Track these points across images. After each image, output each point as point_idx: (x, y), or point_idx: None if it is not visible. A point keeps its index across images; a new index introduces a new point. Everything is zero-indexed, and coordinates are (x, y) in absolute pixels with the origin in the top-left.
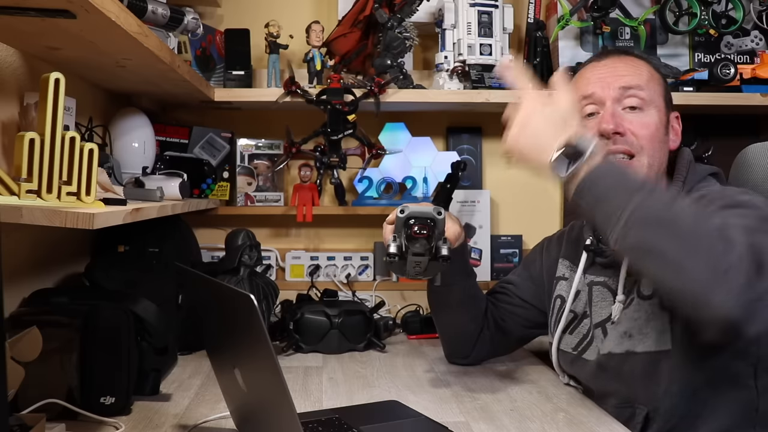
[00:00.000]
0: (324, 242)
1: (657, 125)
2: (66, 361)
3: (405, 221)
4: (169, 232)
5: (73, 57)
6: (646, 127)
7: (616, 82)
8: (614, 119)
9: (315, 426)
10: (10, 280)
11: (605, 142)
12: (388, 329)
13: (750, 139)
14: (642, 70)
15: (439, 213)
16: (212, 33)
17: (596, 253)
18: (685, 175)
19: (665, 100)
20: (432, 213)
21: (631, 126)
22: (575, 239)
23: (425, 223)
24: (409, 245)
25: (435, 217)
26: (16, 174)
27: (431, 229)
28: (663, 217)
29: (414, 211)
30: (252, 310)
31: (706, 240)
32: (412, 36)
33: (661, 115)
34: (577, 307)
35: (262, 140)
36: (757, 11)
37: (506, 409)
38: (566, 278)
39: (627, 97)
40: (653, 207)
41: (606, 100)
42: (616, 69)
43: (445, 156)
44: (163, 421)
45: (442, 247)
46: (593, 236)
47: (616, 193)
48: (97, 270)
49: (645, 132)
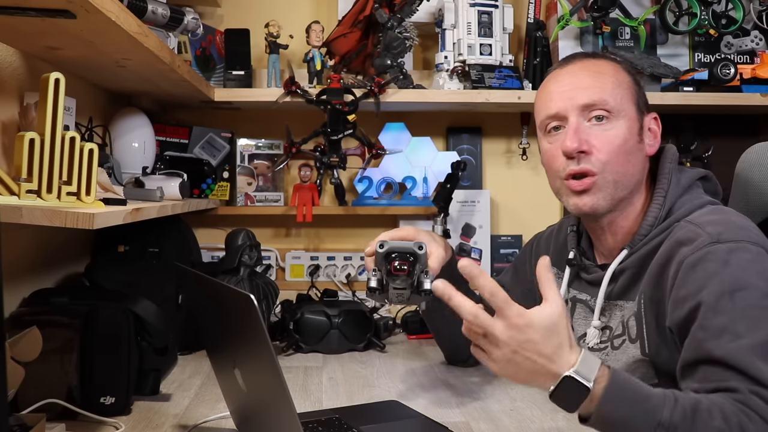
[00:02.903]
0: (324, 242)
1: (625, 137)
2: (66, 361)
3: (385, 255)
4: (169, 232)
5: (73, 57)
6: (612, 141)
7: (578, 97)
8: (578, 136)
9: (315, 426)
10: (10, 280)
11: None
12: (388, 329)
13: (750, 139)
14: (606, 78)
15: (420, 248)
16: (212, 33)
17: (579, 268)
18: (666, 188)
19: (637, 104)
20: (412, 248)
21: (596, 141)
22: (562, 244)
23: (405, 258)
24: (390, 280)
25: (416, 252)
26: (16, 174)
27: (411, 264)
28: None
29: (394, 246)
30: (252, 310)
31: None
32: (412, 36)
33: (631, 123)
34: None
35: (262, 140)
36: (757, 11)
37: (506, 409)
38: None
39: (591, 110)
40: None
41: (569, 116)
42: (578, 80)
43: (445, 156)
44: (163, 421)
45: (425, 281)
46: (576, 250)
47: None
48: (97, 270)
49: (610, 147)
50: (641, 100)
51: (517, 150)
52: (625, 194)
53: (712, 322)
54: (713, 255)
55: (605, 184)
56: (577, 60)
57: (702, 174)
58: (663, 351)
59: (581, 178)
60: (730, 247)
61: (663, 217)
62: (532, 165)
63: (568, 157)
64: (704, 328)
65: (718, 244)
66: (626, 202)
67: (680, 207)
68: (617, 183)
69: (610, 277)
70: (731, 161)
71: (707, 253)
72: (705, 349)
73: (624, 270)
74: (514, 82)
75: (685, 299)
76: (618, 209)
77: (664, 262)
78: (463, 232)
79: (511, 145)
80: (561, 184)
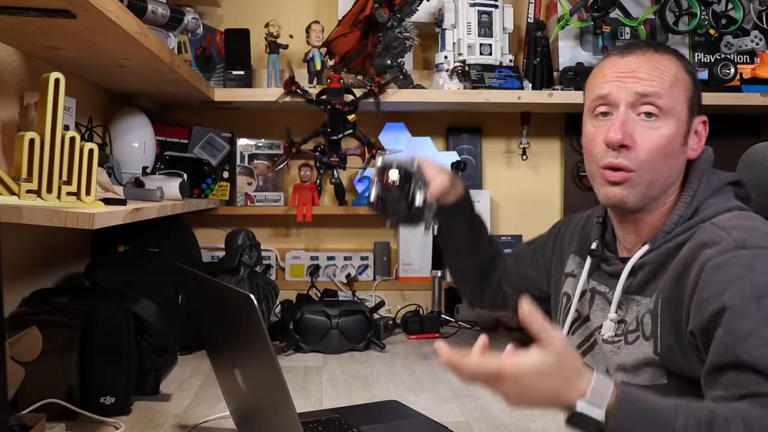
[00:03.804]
0: (324, 242)
1: (670, 138)
2: (66, 361)
3: (381, 170)
4: (169, 232)
5: (73, 57)
6: (656, 141)
7: (634, 85)
8: (623, 129)
9: (315, 426)
10: (10, 280)
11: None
12: (388, 329)
13: (750, 139)
14: (667, 73)
15: (412, 162)
16: (212, 33)
17: (601, 259)
18: (696, 188)
19: (690, 106)
20: (405, 162)
21: (640, 138)
22: (587, 236)
23: (399, 171)
24: (384, 194)
25: (407, 167)
26: (16, 174)
27: (403, 179)
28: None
29: (387, 160)
30: (252, 310)
31: None
32: (412, 36)
33: (679, 125)
34: (581, 308)
35: (262, 140)
36: (757, 11)
37: (506, 409)
38: (575, 275)
39: (643, 103)
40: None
41: (620, 104)
42: (638, 69)
43: (445, 156)
44: (163, 421)
45: (417, 196)
46: (600, 241)
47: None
48: (97, 270)
49: (654, 147)
50: (695, 102)
51: (517, 150)
52: (657, 194)
53: (739, 326)
54: (737, 259)
55: (640, 182)
56: (640, 49)
57: (735, 179)
58: (675, 352)
59: (617, 170)
60: (754, 253)
61: (688, 217)
62: (532, 165)
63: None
64: (731, 332)
65: (743, 249)
66: (657, 201)
67: (707, 208)
68: (651, 183)
69: (629, 270)
70: (731, 161)
71: (731, 257)
72: (733, 353)
73: (644, 265)
74: (514, 82)
75: (708, 302)
76: (647, 207)
77: (687, 263)
78: None
79: (511, 145)
80: (596, 171)
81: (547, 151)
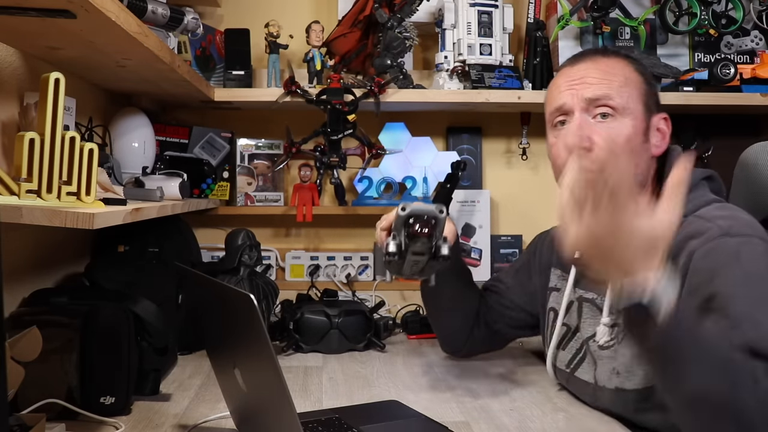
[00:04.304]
0: (324, 242)
1: (629, 135)
2: (66, 361)
3: (405, 220)
4: (169, 232)
5: (73, 57)
6: (615, 139)
7: (584, 91)
8: (579, 132)
9: (315, 426)
10: (10, 280)
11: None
12: (388, 329)
13: (750, 139)
14: (616, 75)
15: (441, 211)
16: (212, 33)
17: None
18: None
19: (645, 103)
20: (434, 211)
21: (599, 138)
22: None
23: (426, 221)
24: (410, 244)
25: (437, 216)
26: (16, 174)
27: (432, 227)
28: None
29: (415, 209)
30: (252, 310)
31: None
32: (412, 36)
33: (637, 123)
34: (570, 320)
35: (262, 140)
36: (757, 11)
37: (506, 409)
38: (558, 289)
39: (597, 106)
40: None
41: (575, 110)
42: (587, 75)
43: (445, 156)
44: (163, 421)
45: (443, 247)
46: None
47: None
48: (97, 270)
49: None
50: (651, 100)
51: (517, 150)
52: None
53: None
54: (724, 247)
55: None
56: (589, 56)
57: (707, 174)
58: None
59: None
60: (739, 240)
61: None
62: (532, 165)
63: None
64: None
65: (728, 237)
66: None
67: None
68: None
69: None
70: (731, 161)
71: (718, 244)
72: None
73: None
74: (514, 82)
75: (697, 288)
76: None
77: (674, 256)
78: (463, 232)
79: (511, 145)
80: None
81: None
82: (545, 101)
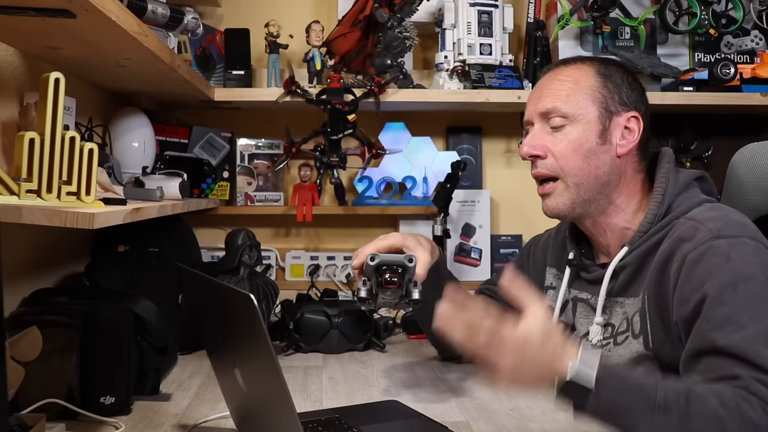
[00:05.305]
0: (324, 242)
1: (580, 140)
2: (66, 361)
3: (375, 268)
4: (169, 232)
5: (73, 57)
6: (567, 146)
7: (536, 106)
8: (531, 142)
9: (315, 426)
10: (10, 280)
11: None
12: (388, 329)
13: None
14: (565, 84)
15: (410, 260)
16: (212, 33)
17: (579, 268)
18: (665, 186)
19: (602, 105)
20: (403, 261)
21: (554, 147)
22: (561, 245)
23: (395, 271)
24: (380, 292)
25: (405, 265)
26: (16, 174)
27: (401, 276)
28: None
29: (384, 259)
30: (252, 310)
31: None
32: (412, 36)
33: (589, 126)
34: (566, 318)
35: (262, 140)
36: (757, 11)
37: (506, 409)
38: (554, 287)
39: (549, 118)
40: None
41: (533, 121)
42: (541, 90)
43: (445, 156)
44: (163, 421)
45: (413, 291)
46: (575, 250)
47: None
48: (97, 270)
49: (565, 152)
50: (612, 100)
51: (517, 150)
52: (592, 195)
53: (716, 313)
54: (715, 250)
55: (565, 188)
56: (552, 69)
57: (698, 174)
58: (666, 346)
59: (545, 182)
60: (730, 242)
61: (662, 215)
62: None
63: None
64: (708, 319)
65: (719, 239)
66: (601, 202)
67: (679, 205)
68: (579, 186)
69: (611, 274)
70: None
71: (709, 248)
72: (709, 339)
73: (624, 267)
74: (514, 81)
75: (690, 294)
76: (592, 210)
77: (666, 258)
78: (463, 232)
79: (511, 145)
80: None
81: None
82: None
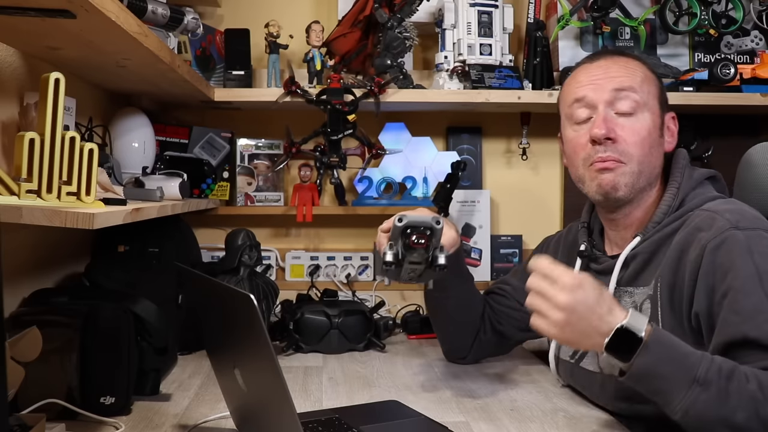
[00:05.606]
0: (324, 242)
1: (650, 129)
2: (66, 361)
3: (402, 230)
4: (169, 232)
5: (73, 57)
6: (638, 132)
7: (608, 84)
8: (606, 124)
9: (315, 426)
10: (10, 280)
11: (597, 149)
12: (388, 329)
13: (750, 139)
14: (636, 71)
15: (438, 222)
16: (212, 33)
17: (590, 260)
18: (680, 181)
19: (660, 101)
20: (430, 222)
21: (623, 132)
22: (572, 242)
23: (423, 232)
24: (407, 254)
25: (433, 227)
26: (16, 174)
27: (429, 238)
28: (719, 414)
29: (412, 220)
30: (252, 310)
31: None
32: (412, 36)
33: (654, 118)
34: None
35: (262, 140)
36: (757, 11)
37: (506, 409)
38: None
39: (620, 99)
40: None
41: (598, 103)
42: (609, 71)
43: (445, 156)
44: (163, 421)
45: (439, 256)
46: (587, 242)
47: (673, 385)
48: (97, 270)
49: (636, 138)
50: (663, 98)
51: (517, 150)
52: (645, 185)
53: (744, 305)
54: (734, 240)
55: (630, 172)
56: (607, 55)
57: (711, 174)
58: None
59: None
60: (748, 234)
61: (676, 207)
62: (532, 165)
63: (595, 143)
64: (736, 311)
65: (737, 230)
66: (644, 193)
67: (693, 198)
68: (641, 173)
69: (622, 263)
70: (731, 161)
71: (728, 237)
72: (740, 331)
73: (635, 256)
74: (514, 82)
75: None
76: (636, 200)
77: (683, 247)
78: (463, 232)
79: (511, 145)
80: (585, 171)
81: (547, 151)
82: (560, 98)
